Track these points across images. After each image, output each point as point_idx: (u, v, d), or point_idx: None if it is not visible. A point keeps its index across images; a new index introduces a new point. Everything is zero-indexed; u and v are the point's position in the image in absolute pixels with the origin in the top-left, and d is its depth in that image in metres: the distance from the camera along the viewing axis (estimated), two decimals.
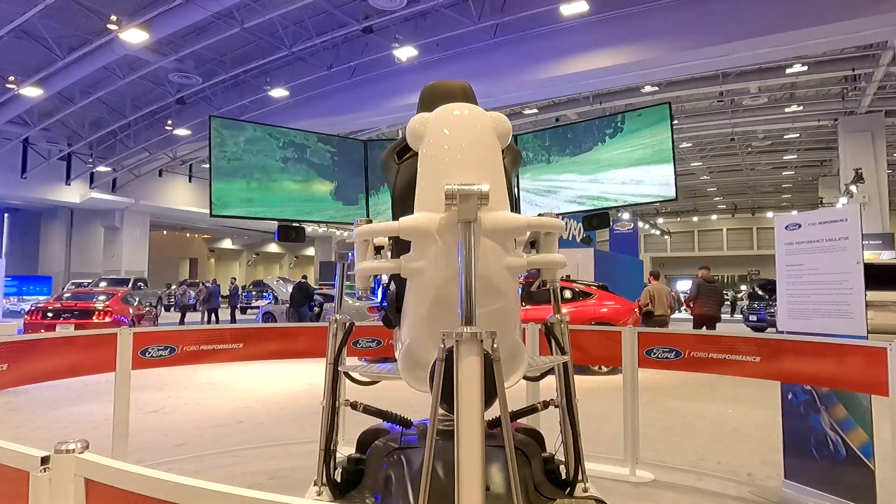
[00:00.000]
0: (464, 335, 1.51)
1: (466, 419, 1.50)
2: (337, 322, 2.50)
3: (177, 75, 17.06)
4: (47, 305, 12.26)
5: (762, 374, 3.55)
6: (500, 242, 1.76)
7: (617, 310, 9.42)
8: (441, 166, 1.79)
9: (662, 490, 3.80)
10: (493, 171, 1.80)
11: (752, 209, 44.88)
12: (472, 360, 1.51)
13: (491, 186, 1.70)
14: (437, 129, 1.83)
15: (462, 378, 1.51)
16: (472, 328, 1.53)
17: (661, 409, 6.14)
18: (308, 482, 2.48)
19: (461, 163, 1.78)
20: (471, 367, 1.51)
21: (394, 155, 2.06)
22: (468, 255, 1.59)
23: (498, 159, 1.84)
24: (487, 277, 1.73)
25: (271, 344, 4.61)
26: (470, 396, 1.50)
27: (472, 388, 1.50)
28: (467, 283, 1.58)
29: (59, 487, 1.14)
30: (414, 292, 1.89)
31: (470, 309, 1.57)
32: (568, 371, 2.45)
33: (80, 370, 3.86)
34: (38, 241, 28.91)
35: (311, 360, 4.75)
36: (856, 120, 20.82)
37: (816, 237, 3.73)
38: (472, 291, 1.58)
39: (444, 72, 15.35)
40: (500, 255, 1.76)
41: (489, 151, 1.82)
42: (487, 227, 1.71)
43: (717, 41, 12.64)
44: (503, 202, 1.79)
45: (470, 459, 1.47)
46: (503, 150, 1.91)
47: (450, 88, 1.99)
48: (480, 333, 1.52)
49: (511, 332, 1.88)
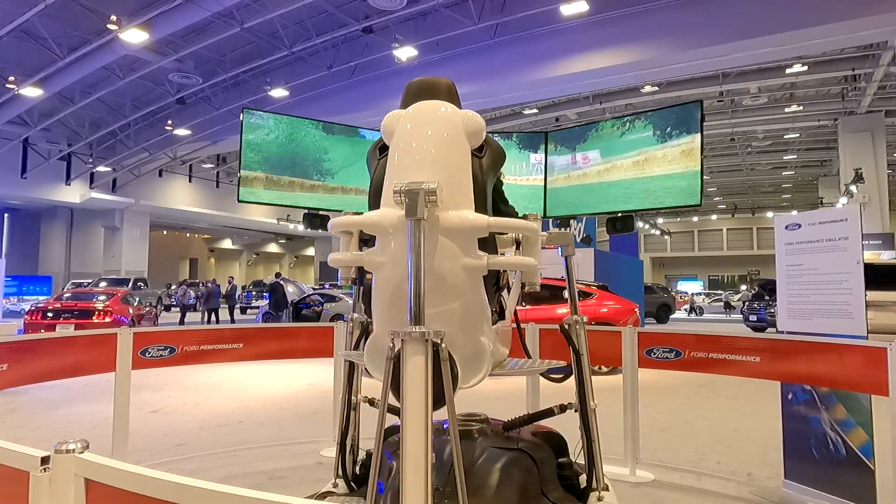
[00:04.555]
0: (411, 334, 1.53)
1: (411, 419, 1.50)
2: (353, 321, 2.58)
3: (177, 75, 17.06)
4: (47, 305, 12.25)
5: (762, 374, 3.54)
6: (457, 242, 1.75)
7: (617, 310, 9.41)
8: (403, 163, 1.82)
9: (662, 490, 3.80)
10: (454, 169, 1.79)
11: (752, 209, 44.90)
12: (418, 359, 1.52)
13: (449, 185, 1.70)
14: (404, 125, 1.87)
15: (408, 377, 1.52)
16: (419, 328, 1.54)
17: (661, 409, 6.14)
18: (308, 482, 2.50)
19: (419, 160, 1.80)
20: (416, 367, 1.52)
21: (377, 150, 2.08)
22: (416, 252, 1.60)
23: (461, 157, 1.82)
24: (442, 276, 1.73)
25: (271, 344, 4.61)
26: (415, 396, 1.51)
27: (418, 388, 1.50)
28: (416, 281, 1.59)
29: (59, 487, 1.14)
30: (376, 286, 1.90)
31: (418, 307, 1.58)
32: (583, 373, 2.43)
33: (80, 370, 3.85)
34: (38, 241, 28.91)
35: (311, 360, 4.75)
36: (856, 120, 20.83)
37: (816, 237, 3.73)
38: (421, 290, 1.59)
39: (444, 72, 15.27)
40: (456, 255, 1.75)
41: (451, 149, 1.82)
42: (444, 226, 1.71)
43: (717, 41, 12.64)
44: (465, 201, 1.77)
45: (414, 459, 1.47)
46: (483, 149, 1.91)
47: (429, 85, 1.98)
48: (428, 333, 1.52)
49: (473, 333, 1.85)
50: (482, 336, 1.87)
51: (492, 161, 1.95)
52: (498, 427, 2.39)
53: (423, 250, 1.61)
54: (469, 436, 2.25)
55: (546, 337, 4.36)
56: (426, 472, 1.46)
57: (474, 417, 2.40)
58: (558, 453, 2.42)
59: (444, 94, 1.95)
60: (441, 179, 1.68)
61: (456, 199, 1.74)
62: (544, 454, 2.29)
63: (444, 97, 1.94)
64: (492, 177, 1.97)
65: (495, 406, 2.47)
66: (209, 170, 30.26)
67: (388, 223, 1.75)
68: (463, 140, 1.83)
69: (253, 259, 48.62)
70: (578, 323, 2.55)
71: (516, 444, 2.25)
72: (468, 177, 1.81)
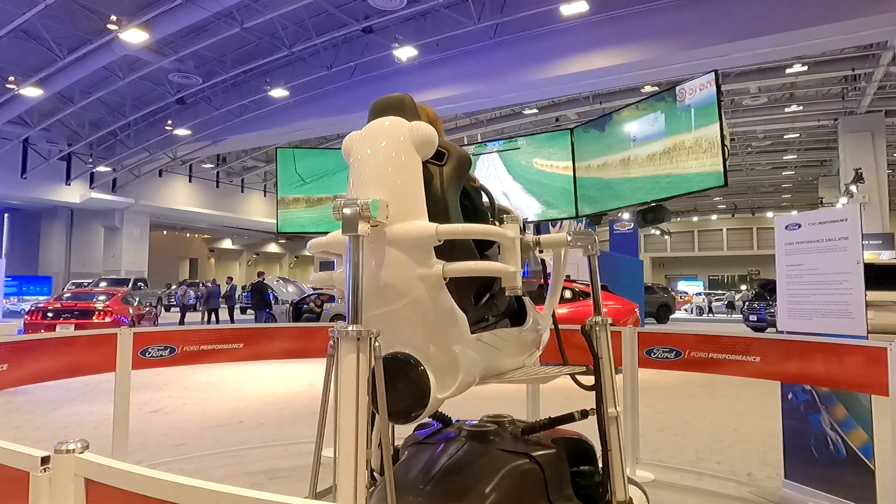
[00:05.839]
0: (346, 333, 1.57)
1: (344, 414, 1.55)
2: None
3: (177, 75, 17.06)
4: (47, 305, 12.25)
5: (762, 374, 3.54)
6: (408, 252, 1.76)
7: (617, 310, 9.42)
8: (355, 182, 1.89)
9: (662, 490, 3.80)
10: (401, 182, 1.81)
11: (752, 209, 44.90)
12: (351, 357, 1.56)
13: (396, 198, 1.75)
14: (356, 147, 1.94)
15: (342, 374, 1.57)
16: (356, 326, 1.58)
17: (661, 409, 6.14)
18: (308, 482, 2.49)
19: (367, 178, 1.86)
20: (349, 364, 1.56)
21: None
22: (355, 267, 1.65)
23: (409, 169, 1.83)
24: (394, 287, 1.76)
25: (271, 344, 4.61)
26: (348, 392, 1.55)
27: (350, 384, 1.55)
28: (353, 293, 1.63)
29: (59, 487, 1.14)
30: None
31: (356, 310, 1.62)
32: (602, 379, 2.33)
33: (80, 370, 3.85)
34: (38, 241, 28.90)
35: (311, 361, 4.75)
36: (856, 120, 20.83)
37: (816, 237, 3.73)
38: (359, 297, 1.63)
39: (444, 72, 15.37)
40: (408, 265, 1.76)
41: (396, 163, 1.84)
42: (391, 238, 1.75)
43: (717, 41, 12.65)
44: (414, 212, 1.78)
45: (346, 454, 1.52)
46: (444, 158, 1.93)
47: (384, 104, 1.99)
48: (366, 332, 1.57)
49: (443, 344, 1.83)
50: (454, 345, 1.84)
51: (454, 168, 1.96)
52: (517, 430, 2.34)
53: (361, 264, 1.65)
54: (482, 438, 2.24)
55: None
56: (358, 468, 1.51)
57: (499, 419, 2.38)
58: (580, 460, 2.34)
59: (395, 110, 1.95)
60: (389, 195, 1.74)
61: (405, 211, 1.77)
62: (555, 460, 2.21)
63: (397, 112, 1.94)
64: (455, 183, 1.97)
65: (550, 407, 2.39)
66: (209, 170, 30.26)
67: (341, 242, 1.79)
68: (410, 153, 1.84)
69: (253, 259, 48.58)
70: (599, 324, 2.45)
71: (524, 448, 2.20)
72: (418, 187, 1.81)
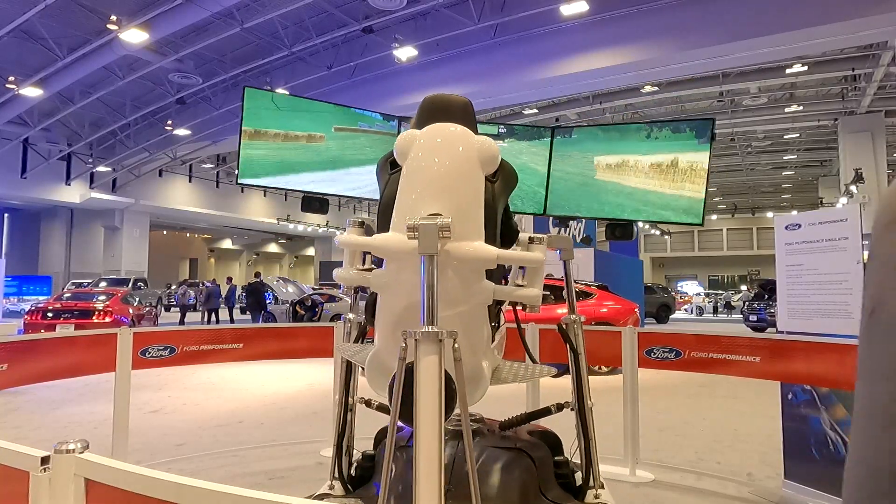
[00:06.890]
0: (425, 334, 1.54)
1: (425, 419, 1.51)
2: (351, 321, 2.58)
3: (177, 75, 17.05)
4: (47, 305, 12.25)
5: (762, 374, 3.55)
6: (465, 272, 1.77)
7: (617, 310, 9.41)
8: (415, 191, 1.81)
9: (662, 490, 3.80)
10: (466, 201, 1.79)
11: (752, 209, 44.88)
12: (431, 358, 1.53)
13: (461, 217, 1.71)
14: (419, 150, 1.84)
15: (421, 375, 1.53)
16: (433, 327, 1.55)
17: (661, 409, 6.14)
18: (308, 482, 2.50)
19: (432, 192, 1.79)
20: (430, 365, 1.53)
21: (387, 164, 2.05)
22: (430, 286, 1.62)
23: (474, 188, 1.81)
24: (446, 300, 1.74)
25: (271, 344, 4.62)
26: (428, 394, 1.52)
27: (431, 386, 1.51)
28: (430, 307, 1.61)
29: (59, 487, 1.14)
30: (382, 306, 1.92)
31: (432, 312, 1.60)
32: (581, 373, 2.45)
33: (80, 370, 3.86)
34: (38, 241, 28.90)
35: (311, 361, 4.76)
36: (856, 120, 20.82)
37: (816, 237, 3.73)
38: (434, 312, 1.60)
39: (444, 72, 15.35)
40: (464, 284, 1.77)
41: (465, 181, 1.81)
42: (454, 257, 1.73)
43: (717, 41, 12.64)
44: (475, 232, 1.78)
45: (427, 459, 1.48)
46: (496, 173, 1.89)
47: (446, 105, 1.95)
48: (441, 333, 1.54)
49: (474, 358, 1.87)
50: (483, 361, 1.89)
51: (504, 185, 1.95)
52: (494, 427, 2.40)
53: (436, 284, 1.62)
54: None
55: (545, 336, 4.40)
56: (440, 474, 1.46)
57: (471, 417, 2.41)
58: (554, 452, 2.44)
59: (459, 116, 1.91)
60: (453, 212, 1.69)
61: (467, 231, 1.75)
62: (542, 453, 2.31)
63: (460, 119, 1.90)
64: (503, 200, 1.97)
65: (492, 406, 2.47)
66: (209, 170, 30.26)
67: (398, 250, 1.75)
68: (477, 170, 1.82)
69: (253, 259, 48.59)
70: (576, 322, 2.57)
71: (514, 443, 2.26)
72: (480, 208, 1.81)
